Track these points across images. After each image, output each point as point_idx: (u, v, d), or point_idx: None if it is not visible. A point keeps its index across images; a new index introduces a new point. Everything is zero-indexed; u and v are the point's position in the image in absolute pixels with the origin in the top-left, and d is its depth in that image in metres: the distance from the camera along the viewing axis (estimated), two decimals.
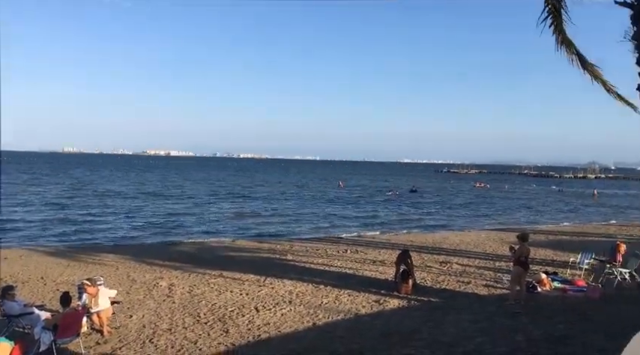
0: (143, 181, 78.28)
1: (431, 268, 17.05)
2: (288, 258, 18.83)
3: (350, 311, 11.76)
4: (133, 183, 73.59)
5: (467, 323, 10.63)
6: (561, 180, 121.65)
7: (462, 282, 14.87)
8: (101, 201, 44.49)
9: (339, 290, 13.56)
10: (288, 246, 22.29)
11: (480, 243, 23.99)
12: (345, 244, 23.01)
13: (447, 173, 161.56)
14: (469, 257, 19.59)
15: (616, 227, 33.26)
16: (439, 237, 26.67)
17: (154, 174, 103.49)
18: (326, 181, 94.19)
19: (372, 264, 17.65)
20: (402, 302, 12.60)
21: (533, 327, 10.31)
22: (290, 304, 12.28)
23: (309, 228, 31.48)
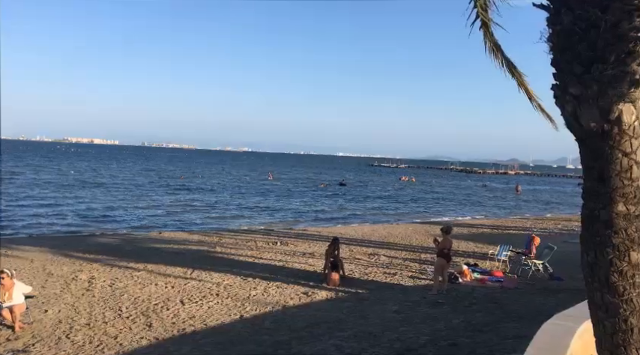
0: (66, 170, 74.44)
1: (359, 260, 17.35)
2: (216, 250, 18.54)
3: (278, 303, 11.75)
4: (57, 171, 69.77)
5: (392, 314, 10.91)
6: (485, 176, 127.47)
7: (388, 274, 15.24)
8: (22, 190, 41.84)
9: (268, 283, 13.51)
10: (217, 238, 21.95)
11: (407, 235, 24.69)
12: (275, 236, 22.96)
13: (378, 167, 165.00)
14: (396, 249, 20.10)
15: (532, 220, 35.25)
16: (368, 229, 27.19)
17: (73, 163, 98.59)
18: (257, 173, 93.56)
19: (301, 256, 17.72)
20: (330, 293, 12.73)
21: (453, 316, 10.73)
22: (217, 297, 12.10)
23: (239, 220, 31.15)
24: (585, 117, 4.08)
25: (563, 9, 4.05)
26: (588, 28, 3.92)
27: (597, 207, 4.11)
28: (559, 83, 4.28)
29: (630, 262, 4.01)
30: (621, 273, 4.01)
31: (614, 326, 4.04)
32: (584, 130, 4.12)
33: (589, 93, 4.01)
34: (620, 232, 4.01)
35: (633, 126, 3.99)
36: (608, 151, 4.02)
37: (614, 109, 3.95)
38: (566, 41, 4.08)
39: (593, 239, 4.15)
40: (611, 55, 3.88)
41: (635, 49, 3.86)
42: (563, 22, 4.06)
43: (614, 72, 3.90)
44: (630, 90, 3.91)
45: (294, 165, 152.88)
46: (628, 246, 4.01)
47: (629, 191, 4.02)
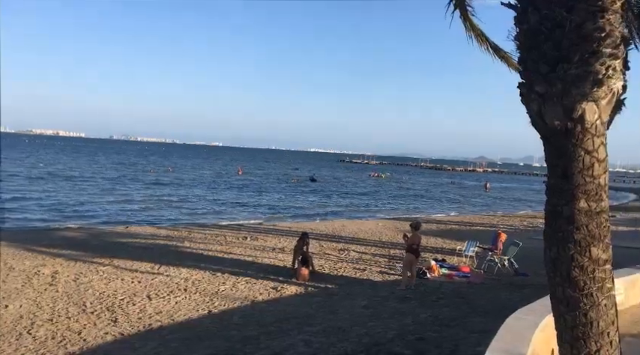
0: (35, 162, 72.46)
1: (329, 255, 17.39)
2: (185, 245, 18.32)
3: (247, 298, 11.68)
4: (24, 163, 67.75)
5: (360, 309, 10.97)
6: (454, 173, 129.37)
7: (358, 269, 15.32)
8: None
9: (237, 278, 13.43)
10: (186, 232, 21.69)
11: (377, 231, 24.86)
12: (245, 231, 22.83)
13: (349, 163, 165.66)
14: (366, 245, 20.22)
15: (499, 217, 35.95)
16: (338, 225, 27.27)
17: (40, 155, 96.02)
18: (227, 168, 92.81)
19: (271, 252, 17.66)
20: (299, 288, 12.72)
21: (421, 311, 10.85)
22: (185, 292, 11.96)
23: (208, 215, 30.86)
24: (550, 115, 4.15)
25: (529, 8, 4.12)
26: (554, 28, 3.99)
27: (560, 203, 4.20)
28: (525, 81, 4.35)
29: (591, 257, 4.11)
30: (582, 268, 4.11)
31: (574, 320, 4.14)
32: (549, 128, 4.20)
33: (554, 92, 4.09)
34: (581, 228, 4.11)
35: (595, 125, 4.08)
36: (571, 149, 4.10)
37: (578, 108, 4.04)
38: (533, 40, 4.15)
39: (556, 235, 4.25)
40: (576, 55, 3.96)
41: (598, 50, 3.95)
42: (530, 22, 4.12)
43: (577, 71, 3.98)
44: (593, 89, 4.00)
45: (265, 161, 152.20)
46: (589, 242, 4.11)
47: (590, 188, 4.11)
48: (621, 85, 4.09)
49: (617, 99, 4.13)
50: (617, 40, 3.98)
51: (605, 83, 3.98)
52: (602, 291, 4.11)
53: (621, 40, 4.04)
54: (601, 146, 4.13)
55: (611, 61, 3.97)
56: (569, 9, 3.94)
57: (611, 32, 3.95)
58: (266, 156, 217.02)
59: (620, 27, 4.05)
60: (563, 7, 3.96)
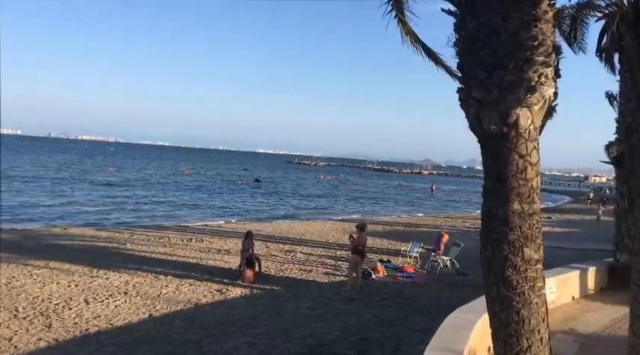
0: None
1: (275, 257, 17.30)
2: (127, 247, 17.76)
3: (190, 301, 11.45)
4: None
5: (305, 310, 10.97)
6: (400, 175, 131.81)
7: (304, 270, 15.32)
8: None
9: (181, 280, 13.13)
10: (128, 234, 21.02)
11: (324, 232, 24.97)
12: (190, 233, 22.39)
13: (297, 164, 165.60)
14: (313, 246, 20.26)
15: (443, 218, 36.88)
16: (286, 226, 27.21)
17: None
18: (173, 168, 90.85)
19: (216, 253, 17.40)
20: (244, 290, 12.59)
21: (365, 311, 10.96)
22: (125, 295, 11.59)
23: (153, 216, 30.09)
24: (486, 120, 4.30)
25: (468, 16, 4.24)
26: (490, 35, 4.13)
27: (495, 205, 4.35)
28: (464, 87, 4.48)
29: (523, 257, 4.28)
30: (515, 268, 4.27)
31: (507, 318, 4.30)
32: (486, 133, 4.35)
33: (490, 98, 4.23)
34: (515, 229, 4.27)
35: (529, 130, 4.25)
36: (506, 153, 4.26)
37: (512, 113, 4.20)
38: (471, 47, 4.28)
39: (491, 236, 4.39)
40: (511, 62, 4.11)
41: (531, 58, 4.12)
42: (468, 29, 4.25)
43: (513, 78, 4.14)
44: (527, 96, 4.17)
45: (212, 161, 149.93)
46: (522, 243, 4.27)
47: (524, 190, 4.28)
48: (552, 92, 4.28)
49: (549, 106, 4.32)
50: (549, 48, 4.17)
51: (537, 90, 4.16)
52: (534, 290, 4.29)
53: (553, 48, 4.23)
54: (534, 150, 4.31)
55: (544, 69, 4.15)
56: (505, 18, 4.09)
57: (544, 41, 4.13)
58: (214, 156, 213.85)
59: (551, 36, 4.24)
60: (499, 15, 4.11)
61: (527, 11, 4.09)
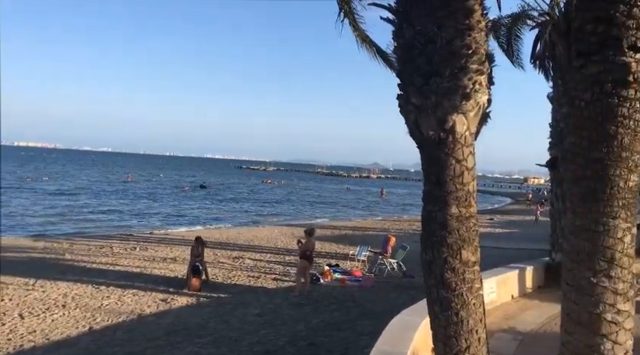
0: None
1: (223, 264, 17.06)
2: (66, 258, 17.04)
3: (133, 311, 11.10)
4: None
5: (253, 317, 10.86)
6: (349, 180, 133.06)
7: (252, 277, 15.17)
8: None
9: (123, 291, 12.72)
10: (67, 244, 20.18)
11: (273, 238, 24.84)
12: (134, 241, 21.75)
13: (246, 169, 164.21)
14: (261, 252, 20.11)
15: (390, 222, 37.48)
16: (233, 232, 26.90)
17: None
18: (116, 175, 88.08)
19: (162, 262, 16.97)
20: (190, 299, 12.33)
21: (313, 316, 10.97)
22: (64, 308, 11.11)
23: (95, 225, 29.06)
24: (425, 126, 4.38)
25: (405, 24, 4.32)
26: (427, 43, 4.22)
27: (434, 209, 4.44)
28: (403, 93, 4.56)
29: (461, 260, 4.38)
30: (454, 270, 4.37)
31: (447, 319, 4.38)
32: (424, 138, 4.43)
33: (428, 104, 4.32)
34: (453, 232, 4.37)
35: (465, 136, 4.37)
36: (444, 158, 4.36)
37: (449, 120, 4.30)
38: (408, 54, 4.36)
39: (431, 239, 4.48)
40: (446, 70, 4.21)
41: (466, 65, 4.23)
42: (405, 37, 4.33)
43: (448, 85, 4.24)
44: (462, 102, 4.28)
45: (160, 167, 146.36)
46: (460, 245, 4.38)
47: (461, 194, 4.39)
48: (486, 99, 4.42)
49: (483, 112, 4.46)
50: (482, 57, 4.30)
51: (472, 97, 4.28)
52: (472, 291, 4.40)
53: (486, 57, 4.37)
54: (470, 155, 4.43)
55: (477, 77, 4.28)
56: (440, 26, 4.19)
57: (477, 49, 4.26)
58: (161, 162, 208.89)
59: (484, 45, 4.38)
60: (435, 24, 4.21)
61: (461, 20, 4.20)
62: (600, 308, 4.07)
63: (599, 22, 4.02)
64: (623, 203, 4.06)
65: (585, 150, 4.14)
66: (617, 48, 3.95)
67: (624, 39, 3.92)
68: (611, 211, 4.04)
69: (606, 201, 4.04)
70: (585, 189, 4.15)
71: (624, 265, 4.08)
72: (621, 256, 4.07)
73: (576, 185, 4.24)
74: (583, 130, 4.16)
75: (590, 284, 4.10)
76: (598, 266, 4.08)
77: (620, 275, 4.08)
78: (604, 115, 4.01)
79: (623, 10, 3.93)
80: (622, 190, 4.05)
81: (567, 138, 4.63)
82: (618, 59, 3.93)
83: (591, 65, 4.04)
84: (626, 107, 3.99)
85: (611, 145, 4.01)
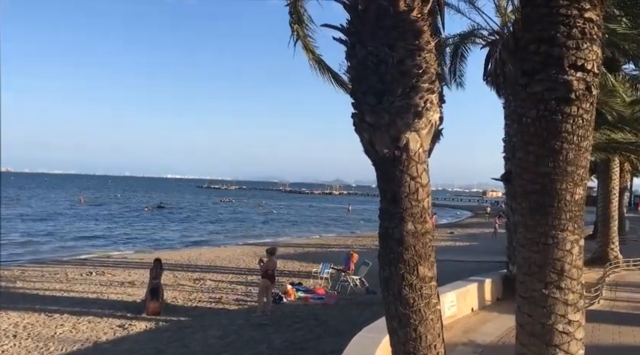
0: None
1: (184, 286, 16.70)
2: (17, 286, 16.32)
3: (89, 339, 10.71)
4: None
5: (214, 340, 10.64)
6: (312, 196, 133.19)
7: (213, 299, 14.88)
8: None
9: (78, 318, 12.26)
10: (18, 271, 19.38)
11: (235, 258, 24.53)
12: (90, 266, 21.08)
13: (208, 188, 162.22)
14: (223, 272, 19.81)
15: (354, 238, 37.61)
16: (195, 253, 26.44)
17: None
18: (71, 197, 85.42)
19: (119, 286, 16.48)
20: (149, 324, 11.99)
21: (276, 336, 10.83)
22: (14, 338, 10.62)
23: (46, 249, 28.03)
24: (379, 143, 4.45)
25: (357, 44, 4.40)
26: (379, 63, 4.31)
27: (391, 226, 4.48)
28: (357, 112, 4.62)
29: (419, 276, 4.43)
30: (411, 286, 4.41)
31: (406, 335, 4.41)
32: (379, 156, 4.49)
33: (382, 122, 4.39)
34: (409, 249, 4.41)
35: (418, 153, 4.45)
36: (399, 175, 4.42)
37: (402, 138, 4.37)
38: (361, 74, 4.44)
39: (388, 255, 4.52)
40: (398, 89, 4.30)
41: (417, 84, 4.33)
42: (358, 57, 4.41)
43: (401, 103, 4.33)
44: (415, 120, 4.37)
45: (117, 188, 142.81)
46: (416, 261, 4.42)
47: (416, 211, 4.45)
48: (438, 117, 4.52)
49: (436, 130, 4.56)
50: (432, 76, 4.41)
51: (424, 115, 4.38)
52: (429, 307, 4.44)
53: (436, 76, 4.49)
54: (424, 172, 4.51)
55: (429, 95, 4.38)
56: (391, 46, 4.29)
57: (427, 69, 4.37)
58: (119, 183, 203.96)
59: (435, 64, 4.50)
60: (386, 44, 4.30)
61: (411, 41, 4.31)
62: (552, 320, 4.17)
63: (542, 42, 4.18)
64: (570, 216, 4.19)
65: (533, 165, 4.27)
66: (559, 67, 4.11)
67: (565, 58, 4.08)
68: (560, 224, 4.17)
69: (554, 214, 4.17)
70: (534, 202, 4.27)
71: (574, 276, 4.21)
72: (570, 267, 4.19)
73: (526, 199, 4.36)
74: (530, 145, 4.29)
75: (542, 296, 4.20)
76: (549, 278, 4.18)
77: (570, 286, 4.20)
78: (549, 131, 4.15)
79: (563, 31, 4.10)
80: (569, 203, 4.18)
81: (517, 153, 4.77)
82: (560, 78, 4.09)
83: (535, 84, 4.19)
84: (569, 123, 4.14)
85: (557, 160, 4.15)
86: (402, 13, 4.25)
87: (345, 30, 4.54)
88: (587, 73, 4.12)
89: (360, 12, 4.36)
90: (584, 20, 4.10)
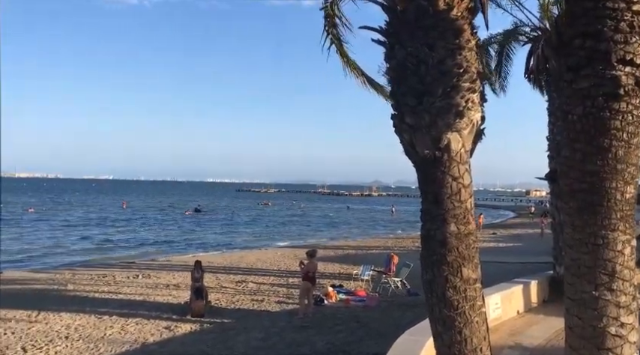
0: None
1: (226, 288, 16.95)
2: (68, 288, 16.94)
3: (137, 340, 11.00)
4: None
5: (257, 342, 10.75)
6: (351, 198, 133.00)
7: (256, 301, 15.06)
8: None
9: (126, 320, 12.61)
10: (69, 274, 20.10)
11: (276, 260, 24.73)
12: (137, 269, 21.65)
13: (247, 192, 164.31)
14: (264, 275, 20.01)
15: (393, 239, 37.33)
16: (236, 256, 26.79)
17: None
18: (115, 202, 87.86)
19: (164, 289, 16.87)
20: (194, 325, 12.23)
21: (318, 338, 10.87)
22: (66, 340, 11.01)
23: (95, 254, 28.95)
24: (420, 145, 4.42)
25: (396, 46, 4.39)
26: (419, 64, 4.28)
27: (433, 227, 4.44)
28: (397, 113, 4.60)
29: (462, 277, 4.37)
30: (455, 288, 4.36)
31: (450, 338, 4.35)
32: (420, 157, 4.46)
33: (422, 123, 4.36)
34: (453, 250, 4.36)
35: (460, 154, 4.40)
36: (440, 176, 4.38)
37: (444, 138, 4.33)
38: (401, 75, 4.42)
39: (431, 257, 4.48)
40: (439, 89, 4.26)
41: (458, 84, 4.29)
42: (397, 58, 4.39)
43: (441, 104, 4.29)
44: (456, 120, 4.32)
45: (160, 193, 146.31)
46: (460, 263, 4.37)
47: (459, 212, 4.40)
48: (480, 116, 4.46)
49: (477, 129, 4.50)
50: (473, 75, 4.35)
51: (465, 115, 4.32)
52: (474, 309, 4.38)
53: (477, 75, 4.43)
54: (466, 173, 4.45)
55: (470, 95, 4.33)
56: (431, 47, 4.26)
57: (468, 68, 4.32)
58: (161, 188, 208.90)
59: (475, 63, 4.43)
60: (426, 44, 4.27)
61: (451, 40, 4.27)
62: (604, 322, 4.04)
63: (587, 36, 4.06)
64: (621, 215, 4.06)
65: (580, 163, 4.16)
66: (606, 62, 3.99)
67: (613, 53, 3.96)
68: (610, 224, 4.04)
69: (604, 213, 4.04)
70: (582, 202, 4.15)
71: (625, 277, 4.07)
72: (622, 268, 4.06)
73: (573, 198, 4.24)
74: (577, 143, 4.18)
75: (593, 298, 4.07)
76: (599, 280, 4.06)
77: (622, 287, 4.06)
78: (597, 129, 4.03)
79: (610, 25, 3.97)
80: (619, 202, 4.05)
81: (562, 151, 4.65)
82: (608, 73, 3.97)
83: (581, 80, 4.07)
84: (618, 120, 4.01)
85: (605, 158, 4.02)
86: (441, 12, 4.22)
87: (383, 31, 4.53)
88: (636, 67, 3.98)
89: (399, 12, 4.34)
90: (633, 13, 3.96)
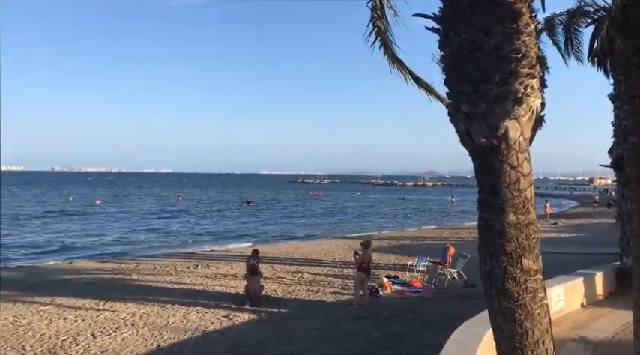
0: None
1: (282, 279, 17.23)
2: (132, 278, 17.72)
3: (198, 328, 11.38)
4: None
5: (313, 331, 10.89)
6: (405, 189, 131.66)
7: (311, 291, 15.23)
8: None
9: (187, 308, 13.07)
10: (133, 264, 21.01)
11: (330, 251, 24.89)
12: (196, 259, 22.35)
13: (300, 183, 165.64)
14: (319, 265, 20.18)
15: (449, 230, 36.70)
16: (292, 247, 27.14)
17: None
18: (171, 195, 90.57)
19: (223, 279, 17.34)
20: (252, 315, 12.51)
21: (373, 329, 10.88)
22: (132, 327, 11.53)
23: (156, 245, 30.10)
24: (476, 133, 4.32)
25: (451, 32, 4.30)
26: (474, 50, 4.18)
27: (491, 217, 4.35)
28: (452, 102, 4.52)
29: (522, 268, 4.26)
30: (515, 280, 4.25)
31: (511, 330, 4.26)
32: (476, 146, 4.36)
33: (478, 111, 4.26)
34: (512, 241, 4.26)
35: (519, 141, 4.27)
36: (498, 165, 4.27)
37: (501, 126, 4.22)
38: (455, 62, 4.32)
39: (489, 248, 4.38)
40: (496, 76, 4.15)
41: (516, 70, 4.16)
42: (452, 45, 4.30)
43: (499, 91, 4.17)
44: (514, 107, 4.20)
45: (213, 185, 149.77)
46: (520, 254, 4.26)
47: (518, 202, 4.28)
48: (540, 103, 4.31)
49: (537, 116, 4.35)
50: (532, 60, 4.21)
51: (524, 101, 4.19)
52: (535, 301, 4.26)
53: (537, 60, 4.27)
54: (525, 161, 4.32)
55: (529, 81, 4.18)
56: (487, 32, 4.14)
57: (527, 53, 4.17)
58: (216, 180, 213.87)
59: (534, 48, 4.28)
60: (482, 30, 4.16)
61: (508, 25, 4.14)
62: None
63: None
64: None
65: None
66: None
67: None
68: None
69: None
70: None
71: None
72: None
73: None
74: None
75: None
76: None
77: None
78: None
79: None
80: None
81: (629, 137, 4.44)
82: None
83: None
84: None
85: None
86: None
87: (437, 18, 4.45)
88: None
89: None
90: None
